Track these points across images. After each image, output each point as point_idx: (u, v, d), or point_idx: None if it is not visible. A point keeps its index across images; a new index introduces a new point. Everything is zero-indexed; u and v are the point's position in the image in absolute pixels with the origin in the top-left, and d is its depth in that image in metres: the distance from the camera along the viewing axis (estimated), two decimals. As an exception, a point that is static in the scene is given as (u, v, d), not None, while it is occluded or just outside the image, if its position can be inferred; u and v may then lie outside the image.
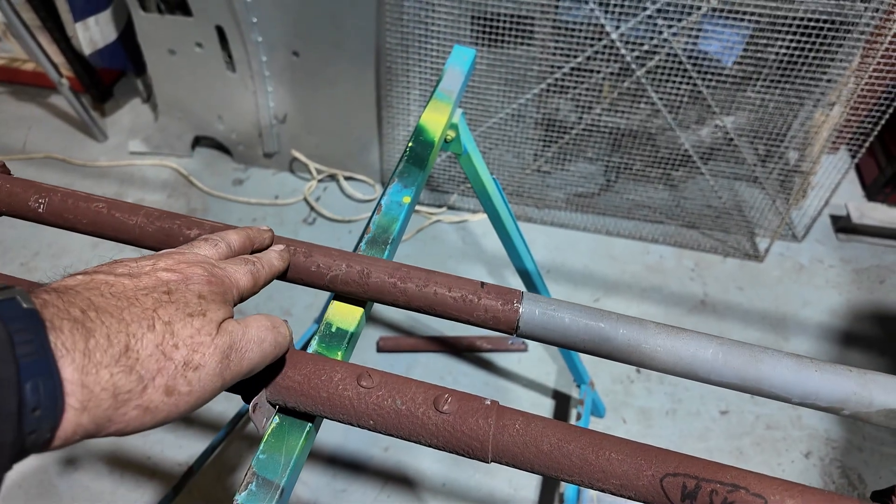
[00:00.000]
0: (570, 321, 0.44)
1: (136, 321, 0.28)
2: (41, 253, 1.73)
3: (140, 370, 0.27)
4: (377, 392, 0.38)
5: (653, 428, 1.40)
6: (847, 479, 1.32)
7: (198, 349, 0.30)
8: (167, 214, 0.47)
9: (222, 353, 0.31)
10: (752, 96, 1.57)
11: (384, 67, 1.63)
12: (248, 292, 0.37)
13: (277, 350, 0.36)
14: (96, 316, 0.27)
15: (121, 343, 0.27)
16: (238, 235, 0.41)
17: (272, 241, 0.45)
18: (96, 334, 0.26)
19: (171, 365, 0.28)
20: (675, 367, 0.43)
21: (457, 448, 0.38)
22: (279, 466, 0.39)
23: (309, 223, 1.85)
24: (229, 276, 0.35)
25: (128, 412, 0.27)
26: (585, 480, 0.37)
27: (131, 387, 0.26)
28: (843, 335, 1.57)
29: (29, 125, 2.13)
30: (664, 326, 0.44)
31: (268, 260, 0.41)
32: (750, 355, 0.42)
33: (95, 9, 1.82)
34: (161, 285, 0.31)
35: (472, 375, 1.48)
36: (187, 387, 0.29)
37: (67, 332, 0.25)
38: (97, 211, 0.47)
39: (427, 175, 0.62)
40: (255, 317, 0.36)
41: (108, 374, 0.26)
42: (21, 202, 0.48)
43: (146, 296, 0.29)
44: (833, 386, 0.41)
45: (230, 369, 0.32)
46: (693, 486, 0.36)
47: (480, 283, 0.46)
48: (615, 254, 1.77)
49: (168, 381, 0.28)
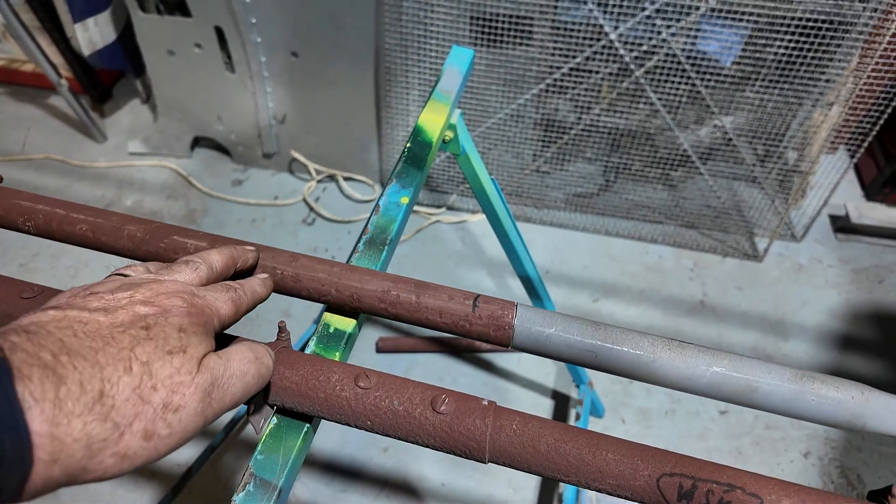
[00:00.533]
0: (564, 336, 0.43)
1: (112, 364, 0.26)
2: (40, 254, 1.73)
3: (115, 417, 0.26)
4: (375, 393, 0.38)
5: (652, 428, 1.40)
6: (846, 479, 1.32)
7: (177, 390, 0.28)
8: (151, 236, 0.46)
9: (203, 392, 0.30)
10: (750, 96, 1.57)
11: (383, 68, 1.64)
12: (229, 321, 0.36)
13: (261, 382, 0.35)
14: (68, 360, 0.25)
15: (95, 390, 0.25)
16: (221, 256, 0.40)
17: (256, 260, 0.44)
18: (68, 381, 0.24)
19: (149, 409, 0.27)
20: (674, 382, 0.43)
21: (454, 448, 0.38)
22: (277, 467, 0.39)
23: (308, 224, 1.85)
24: (210, 305, 0.34)
25: (104, 461, 0.26)
26: (582, 481, 0.38)
27: (106, 435, 0.25)
28: (842, 335, 1.57)
29: (28, 126, 2.13)
30: (662, 340, 0.43)
31: (250, 287, 0.40)
32: (744, 383, 0.41)
33: (94, 9, 1.82)
34: (139, 320, 0.29)
35: (471, 376, 1.48)
36: (167, 429, 0.28)
37: (37, 381, 0.23)
38: (81, 234, 0.47)
39: (425, 175, 0.62)
40: (236, 347, 0.35)
41: (80, 423, 0.24)
42: (10, 222, 0.48)
43: (122, 333, 0.28)
44: (829, 410, 0.41)
45: (212, 407, 0.31)
46: (689, 486, 0.36)
47: (475, 297, 0.45)
48: (614, 254, 1.77)
49: (146, 426, 0.27)
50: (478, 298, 0.44)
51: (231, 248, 0.42)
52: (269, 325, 1.55)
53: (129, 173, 1.98)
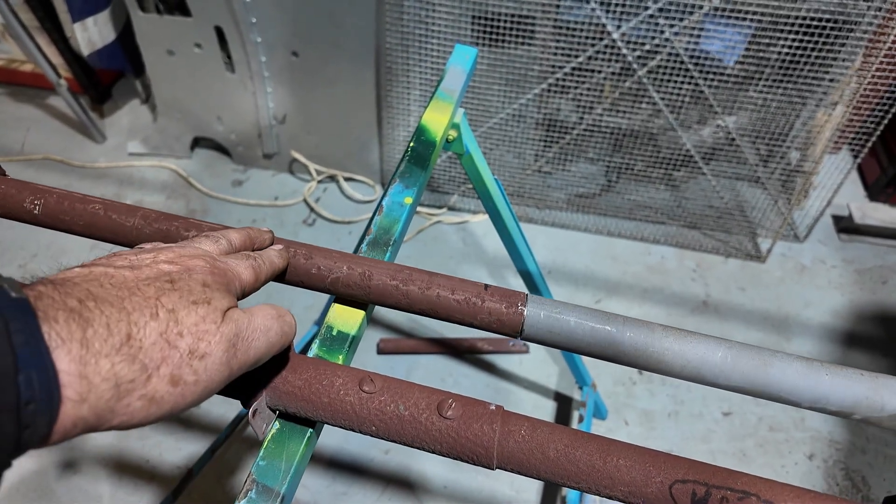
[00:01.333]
0: (575, 324, 0.43)
1: (138, 310, 0.27)
2: (39, 255, 1.72)
3: (143, 359, 0.26)
4: (379, 397, 0.37)
5: (655, 430, 1.39)
6: (851, 482, 1.31)
7: (203, 337, 0.29)
8: (164, 216, 0.46)
9: (228, 342, 0.30)
10: (754, 96, 1.56)
11: (384, 67, 1.63)
12: (250, 287, 0.37)
13: (284, 339, 0.35)
14: (95, 305, 0.25)
15: (122, 332, 0.26)
16: (238, 234, 0.41)
17: (272, 241, 0.45)
18: (94, 323, 0.25)
19: (175, 354, 0.27)
20: (683, 370, 0.42)
21: (461, 455, 0.37)
22: (279, 473, 0.38)
23: (309, 224, 1.84)
24: (231, 269, 0.35)
25: (132, 403, 0.26)
26: (593, 487, 0.37)
27: (134, 376, 0.25)
28: (846, 336, 1.57)
29: (27, 126, 2.12)
30: (671, 329, 0.43)
31: (268, 257, 0.40)
32: (759, 359, 0.41)
33: (94, 9, 1.81)
34: (163, 275, 0.30)
35: (472, 377, 1.48)
36: (193, 376, 0.28)
37: (63, 322, 0.24)
38: (93, 212, 0.46)
39: (429, 175, 0.61)
40: (260, 306, 0.35)
41: (108, 363, 0.24)
42: (16, 204, 0.47)
43: (148, 285, 0.29)
44: (844, 390, 0.41)
45: (237, 358, 0.31)
46: (703, 492, 0.35)
47: (484, 285, 0.45)
48: (616, 254, 1.76)
49: (173, 371, 0.27)
50: (487, 289, 0.44)
51: (248, 228, 0.43)
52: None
53: (128, 174, 1.97)
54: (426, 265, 1.72)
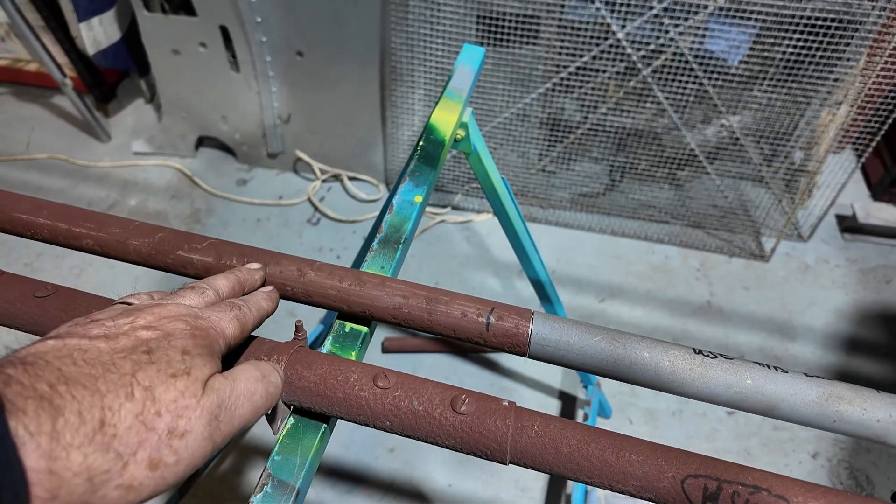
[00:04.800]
0: (583, 345, 0.42)
1: (113, 390, 0.26)
2: (45, 254, 1.72)
3: (118, 447, 0.25)
4: (394, 393, 0.38)
5: (659, 429, 1.40)
6: (855, 481, 1.32)
7: (183, 414, 0.27)
8: (156, 250, 0.46)
9: (210, 415, 0.29)
10: (758, 96, 1.56)
11: (389, 67, 1.63)
12: (235, 340, 0.36)
13: (269, 402, 0.34)
14: (66, 390, 0.24)
15: (95, 419, 0.24)
16: (227, 281, 0.40)
17: (264, 280, 0.44)
18: (66, 412, 0.23)
19: (153, 436, 0.26)
20: (698, 393, 0.42)
21: (475, 450, 0.37)
22: (294, 468, 0.38)
23: (313, 223, 1.85)
24: (214, 325, 0.34)
25: (108, 494, 0.24)
26: (605, 482, 0.37)
27: (109, 466, 0.24)
28: (850, 336, 1.57)
29: (32, 126, 2.12)
30: (685, 350, 0.42)
31: (255, 303, 0.39)
32: (767, 401, 0.40)
33: (99, 9, 1.82)
34: (140, 345, 0.29)
35: (477, 376, 1.48)
36: (173, 457, 0.27)
37: (32, 414, 0.22)
38: (88, 248, 0.47)
39: (438, 174, 0.62)
40: (242, 367, 0.34)
41: (80, 455, 0.23)
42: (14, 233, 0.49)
43: (124, 359, 0.27)
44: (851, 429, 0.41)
45: (220, 431, 0.30)
46: (715, 487, 0.36)
47: (490, 310, 0.43)
48: (620, 254, 1.76)
49: (151, 454, 0.26)
50: (492, 312, 0.43)
51: (237, 271, 0.42)
52: (272, 324, 1.54)
53: (133, 173, 1.98)
54: (430, 265, 1.73)
